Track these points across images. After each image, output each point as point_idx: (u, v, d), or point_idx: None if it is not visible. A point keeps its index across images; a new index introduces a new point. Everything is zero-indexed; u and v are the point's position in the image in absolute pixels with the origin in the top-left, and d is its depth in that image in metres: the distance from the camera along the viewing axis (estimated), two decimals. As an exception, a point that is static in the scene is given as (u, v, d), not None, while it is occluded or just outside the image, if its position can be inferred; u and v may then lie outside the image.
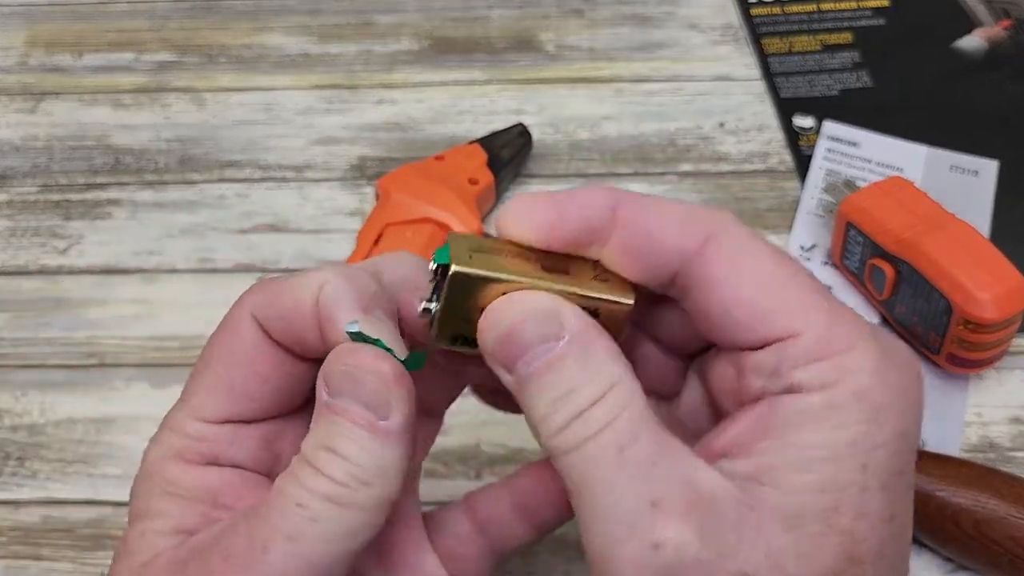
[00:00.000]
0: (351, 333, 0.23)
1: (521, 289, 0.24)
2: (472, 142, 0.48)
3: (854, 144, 0.50)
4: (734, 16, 0.57)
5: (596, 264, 0.25)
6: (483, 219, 0.47)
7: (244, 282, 0.46)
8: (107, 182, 0.50)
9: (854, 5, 0.58)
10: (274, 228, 0.48)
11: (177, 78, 0.54)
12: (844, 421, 0.22)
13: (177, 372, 0.43)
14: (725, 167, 0.50)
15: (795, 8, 0.58)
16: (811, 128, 0.51)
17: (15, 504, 0.39)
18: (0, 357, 0.43)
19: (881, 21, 0.57)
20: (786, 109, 0.52)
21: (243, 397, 0.25)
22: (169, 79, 0.54)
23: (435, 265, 0.25)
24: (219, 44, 0.56)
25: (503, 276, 0.24)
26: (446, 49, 0.56)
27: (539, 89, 0.53)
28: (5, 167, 0.51)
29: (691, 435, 0.25)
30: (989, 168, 0.49)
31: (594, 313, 0.24)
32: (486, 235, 0.26)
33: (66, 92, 0.54)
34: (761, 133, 0.51)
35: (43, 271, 0.46)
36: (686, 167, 0.50)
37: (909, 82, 0.53)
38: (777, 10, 0.58)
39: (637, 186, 0.49)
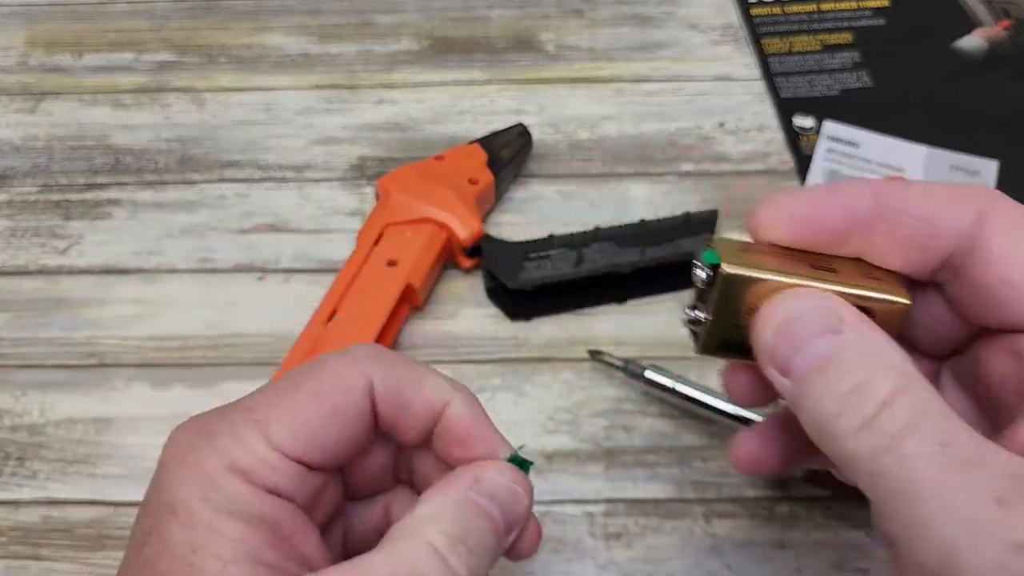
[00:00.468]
0: (513, 458, 0.27)
1: (794, 287, 0.23)
2: (472, 142, 0.48)
3: (854, 144, 0.50)
4: (734, 16, 0.57)
5: (861, 262, 0.24)
6: (483, 219, 0.47)
7: (244, 282, 0.46)
8: (107, 182, 0.50)
9: (854, 5, 0.58)
10: (274, 228, 0.48)
11: (177, 78, 0.54)
12: None
13: (177, 372, 0.43)
14: (725, 167, 0.50)
15: (795, 8, 0.58)
16: (811, 128, 0.51)
17: (15, 504, 0.39)
18: (0, 357, 0.43)
19: (881, 21, 0.57)
20: (786, 109, 0.52)
21: (328, 451, 0.25)
22: (169, 79, 0.54)
23: (702, 271, 0.24)
24: (219, 44, 0.56)
25: (774, 277, 0.23)
26: (446, 49, 0.56)
27: (539, 89, 0.53)
28: (5, 167, 0.51)
29: None
30: (989, 168, 0.49)
31: (868, 313, 0.23)
32: (742, 242, 0.26)
33: (66, 92, 0.54)
34: (761, 133, 0.51)
35: (43, 271, 0.46)
36: (686, 167, 0.50)
37: (909, 82, 0.53)
38: (777, 10, 0.58)
39: (637, 186, 0.49)
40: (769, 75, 0.54)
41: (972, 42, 0.55)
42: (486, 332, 0.44)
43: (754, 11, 0.57)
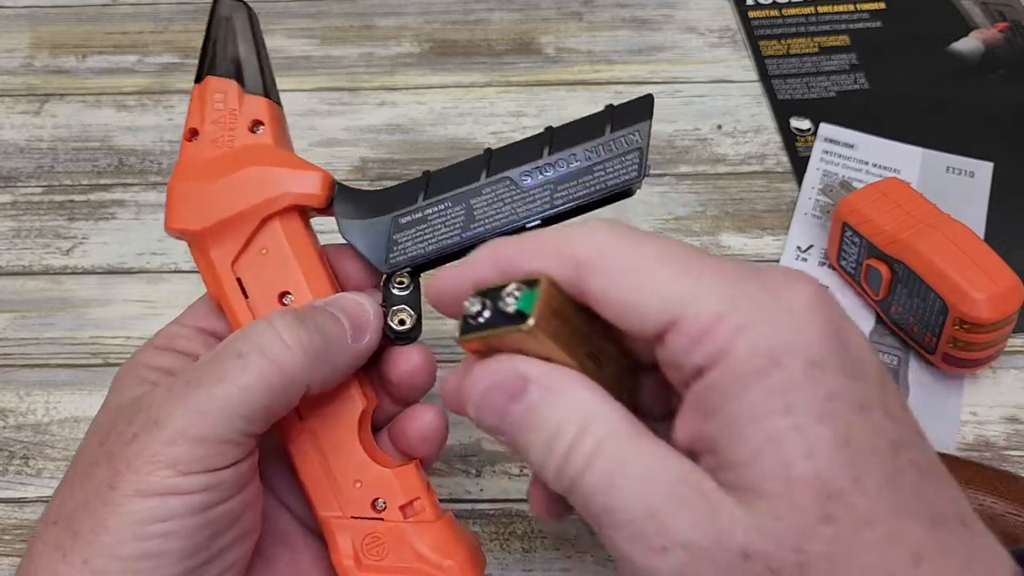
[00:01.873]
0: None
1: (558, 363, 0.25)
2: (198, 81, 0.33)
3: (851, 146, 0.51)
4: (732, 19, 0.58)
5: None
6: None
7: (246, 282, 0.46)
8: (111, 183, 0.50)
9: (851, 8, 0.58)
10: (276, 229, 0.48)
11: (180, 80, 0.55)
12: (745, 382, 0.22)
13: (180, 371, 0.43)
14: (723, 169, 0.50)
15: (792, 11, 0.58)
16: (808, 130, 0.52)
17: (20, 502, 0.39)
18: (5, 357, 0.44)
19: (878, 24, 0.57)
20: (783, 111, 0.53)
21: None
22: (172, 81, 0.55)
23: (512, 300, 0.24)
24: (221, 47, 0.57)
25: (555, 348, 0.24)
26: (447, 52, 0.56)
27: (539, 91, 0.54)
28: (10, 168, 0.51)
29: None
30: (984, 169, 0.49)
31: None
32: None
33: (70, 94, 0.54)
34: (758, 135, 0.52)
35: (47, 271, 0.47)
36: (684, 168, 0.50)
37: (905, 84, 0.54)
38: (774, 13, 0.58)
39: (636, 187, 0.49)
40: (766, 77, 0.54)
41: (968, 44, 0.56)
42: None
43: (752, 14, 0.58)
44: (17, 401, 0.42)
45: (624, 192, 0.32)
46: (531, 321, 0.24)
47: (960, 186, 0.49)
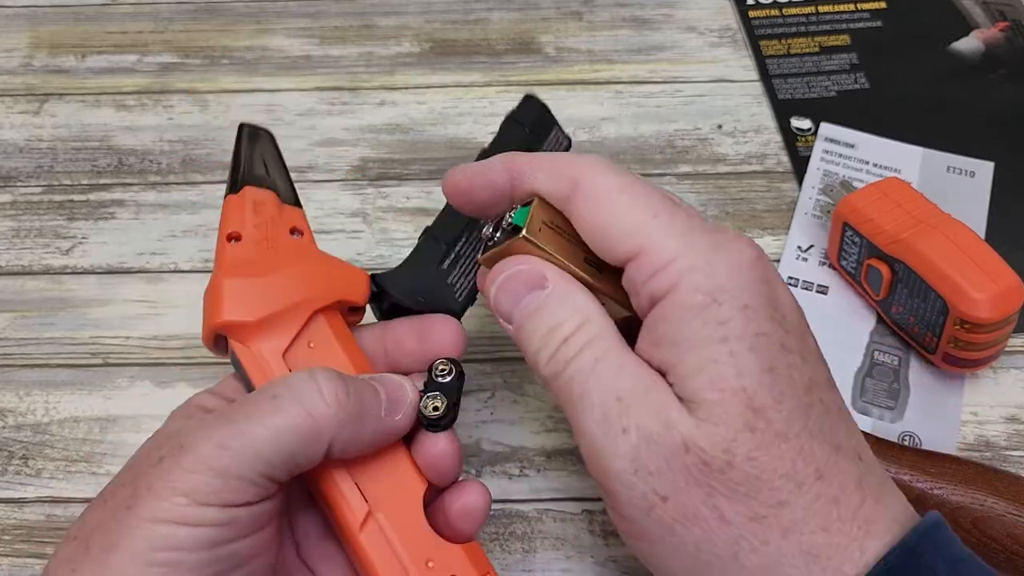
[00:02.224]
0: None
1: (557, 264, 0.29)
2: (229, 193, 0.35)
3: (851, 145, 0.51)
4: (732, 18, 0.58)
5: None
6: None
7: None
8: (110, 183, 0.50)
9: (851, 7, 0.58)
10: (276, 229, 0.48)
11: (180, 80, 0.55)
12: (691, 313, 0.27)
13: (180, 371, 0.43)
14: (723, 168, 0.50)
15: (793, 10, 0.58)
16: (808, 130, 0.52)
17: (19, 503, 0.39)
18: (4, 357, 0.44)
19: (878, 23, 0.57)
20: (783, 111, 0.53)
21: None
22: (172, 81, 0.55)
23: (510, 218, 0.30)
24: (221, 46, 0.57)
25: (550, 253, 0.29)
26: (447, 51, 0.56)
27: (538, 91, 0.53)
28: (9, 168, 0.51)
29: None
30: (985, 169, 0.49)
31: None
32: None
33: (70, 94, 0.54)
34: (759, 135, 0.52)
35: (47, 271, 0.47)
36: (684, 168, 0.50)
37: (906, 84, 0.54)
38: (775, 12, 0.58)
39: (636, 187, 0.49)
40: (767, 77, 0.54)
41: (968, 44, 0.56)
42: (484, 331, 0.44)
43: (752, 13, 0.58)
44: (17, 401, 0.42)
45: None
46: (524, 232, 0.29)
47: (961, 186, 0.49)
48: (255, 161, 0.35)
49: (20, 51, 0.57)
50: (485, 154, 0.36)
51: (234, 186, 0.34)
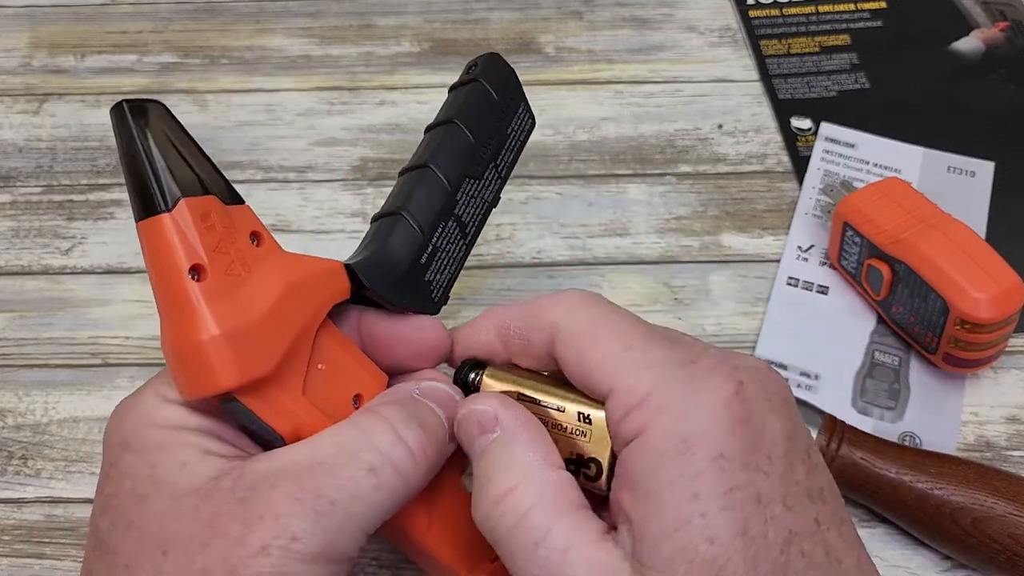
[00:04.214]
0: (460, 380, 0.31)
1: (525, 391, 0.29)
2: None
3: (851, 145, 0.50)
4: (732, 18, 0.58)
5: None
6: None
7: (246, 282, 0.46)
8: (110, 183, 0.50)
9: (852, 7, 0.58)
10: (276, 229, 0.48)
11: (179, 80, 0.55)
12: (661, 461, 0.25)
13: (179, 371, 0.43)
14: (723, 168, 0.50)
15: (793, 10, 0.58)
16: (809, 129, 0.52)
17: (18, 503, 0.39)
18: (3, 357, 0.44)
19: (878, 23, 0.57)
20: (784, 111, 0.53)
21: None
22: (171, 81, 0.55)
23: (462, 379, 0.30)
24: (221, 46, 0.56)
25: (527, 385, 0.29)
26: (446, 51, 0.56)
27: (539, 91, 0.54)
28: (9, 168, 0.51)
29: None
30: (986, 169, 0.49)
31: (587, 420, 0.28)
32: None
33: (69, 93, 0.54)
34: (759, 134, 0.52)
35: (46, 271, 0.47)
36: (684, 168, 0.50)
37: (906, 84, 0.53)
38: (775, 12, 0.58)
39: (636, 187, 0.49)
40: (767, 77, 0.54)
41: (969, 44, 0.55)
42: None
43: (752, 13, 0.58)
44: (16, 401, 0.42)
45: (530, 133, 0.37)
46: (488, 371, 0.30)
47: (961, 186, 0.49)
48: (168, 156, 0.26)
49: (19, 51, 0.57)
50: (436, 130, 0.33)
51: (156, 203, 0.25)
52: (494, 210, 0.35)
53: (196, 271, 0.25)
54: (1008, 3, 0.58)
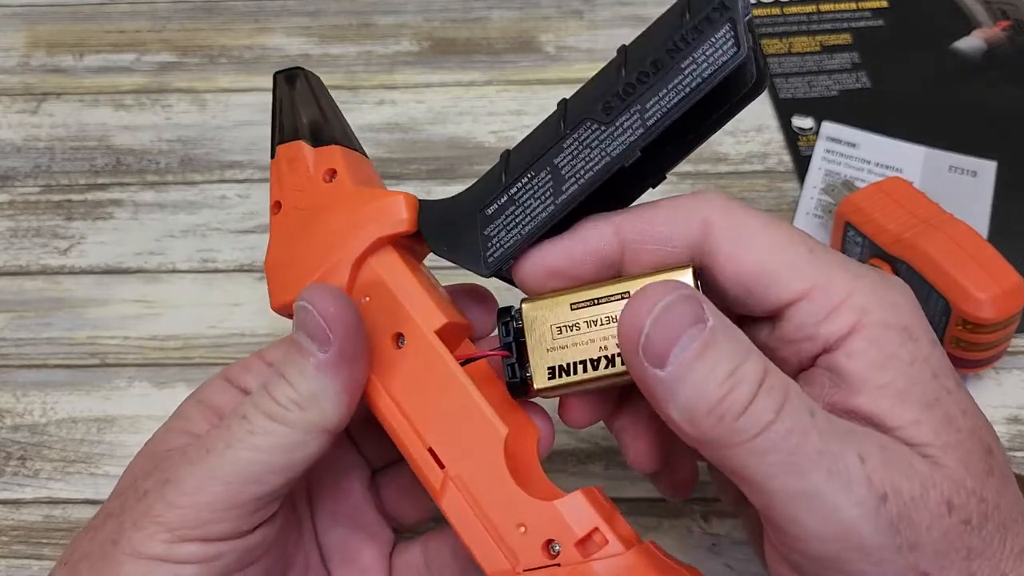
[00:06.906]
0: None
1: (599, 290, 0.26)
2: (277, 145, 0.34)
3: (853, 145, 0.50)
4: (733, 17, 0.57)
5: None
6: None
7: (245, 282, 0.46)
8: (108, 183, 0.50)
9: (853, 6, 0.58)
10: (275, 228, 0.48)
11: (178, 79, 0.55)
12: (895, 349, 0.24)
13: (178, 372, 0.43)
14: (724, 167, 0.50)
15: (794, 9, 0.58)
16: (810, 129, 0.51)
17: (16, 504, 0.39)
18: (2, 357, 0.44)
19: (880, 22, 0.57)
20: (785, 110, 0.52)
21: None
22: (170, 80, 0.55)
23: (502, 324, 0.27)
24: (220, 45, 0.56)
25: (573, 294, 0.26)
26: (446, 50, 0.56)
27: (539, 90, 0.53)
28: (7, 167, 0.51)
29: None
30: (987, 169, 0.49)
31: None
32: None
33: (67, 93, 0.54)
34: (760, 134, 0.52)
35: (45, 271, 0.47)
36: (685, 167, 0.50)
37: (908, 83, 0.53)
38: (776, 11, 0.58)
39: (637, 187, 0.49)
40: (768, 76, 0.54)
41: (971, 43, 0.55)
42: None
43: (753, 12, 0.58)
44: (14, 402, 0.42)
45: (736, 81, 0.25)
46: (522, 303, 0.27)
47: (963, 185, 0.48)
48: (284, 113, 0.32)
49: (17, 50, 0.56)
50: (578, 97, 0.27)
51: (272, 154, 0.32)
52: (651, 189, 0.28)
53: (276, 206, 0.31)
54: (1010, 2, 0.57)
